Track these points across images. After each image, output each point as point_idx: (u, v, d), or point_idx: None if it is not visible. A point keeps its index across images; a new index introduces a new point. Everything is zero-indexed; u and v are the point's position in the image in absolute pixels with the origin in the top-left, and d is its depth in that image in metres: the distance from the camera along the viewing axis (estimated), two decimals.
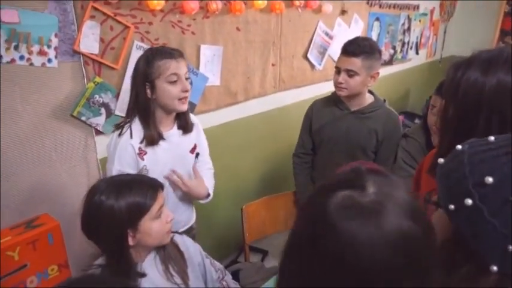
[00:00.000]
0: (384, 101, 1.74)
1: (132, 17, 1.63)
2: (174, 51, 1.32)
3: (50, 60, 1.44)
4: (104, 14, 1.53)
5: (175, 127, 1.44)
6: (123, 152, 1.33)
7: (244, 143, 2.45)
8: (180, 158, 1.46)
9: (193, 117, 1.55)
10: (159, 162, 1.38)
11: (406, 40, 3.91)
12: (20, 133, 1.42)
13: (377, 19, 3.30)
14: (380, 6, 3.27)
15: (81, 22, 1.48)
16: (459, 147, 0.61)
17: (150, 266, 1.03)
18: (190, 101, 1.98)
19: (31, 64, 1.40)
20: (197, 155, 1.55)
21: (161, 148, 1.38)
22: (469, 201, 0.56)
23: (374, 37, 3.35)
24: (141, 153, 1.35)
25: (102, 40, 1.56)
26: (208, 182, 1.54)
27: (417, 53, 4.22)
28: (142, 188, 0.98)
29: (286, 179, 2.27)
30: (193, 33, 1.90)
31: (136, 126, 1.34)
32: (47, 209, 1.57)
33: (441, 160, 0.63)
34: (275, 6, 2.24)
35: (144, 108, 1.32)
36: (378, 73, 1.61)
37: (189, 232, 1.43)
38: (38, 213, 1.55)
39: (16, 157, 1.44)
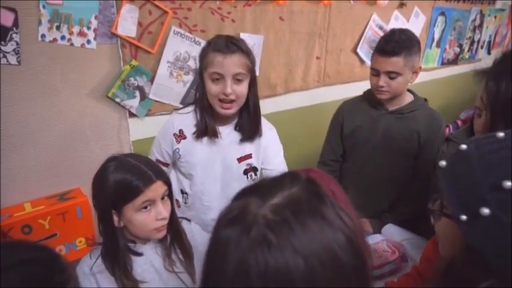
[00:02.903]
0: (425, 100, 1.56)
1: (171, 2, 1.64)
2: (228, 45, 1.16)
3: (89, 42, 1.50)
4: None
5: (231, 126, 1.31)
6: (167, 125, 1.35)
7: (282, 138, 2.37)
8: (221, 160, 1.31)
9: (266, 124, 1.39)
10: (194, 154, 1.30)
11: (476, 38, 3.53)
12: (58, 109, 1.50)
13: (442, 13, 3.01)
14: None
15: (120, 5, 1.52)
16: (463, 147, 0.50)
17: (151, 249, 1.02)
18: None
19: (71, 44, 1.47)
20: (254, 170, 1.35)
21: (201, 141, 1.29)
22: (485, 211, 0.47)
23: (437, 33, 3.07)
24: (180, 136, 1.30)
25: (140, 24, 1.59)
26: None
27: (489, 53, 3.80)
28: (138, 174, 0.90)
29: None
30: (233, 20, 1.87)
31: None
32: (81, 183, 1.65)
33: (443, 163, 0.53)
34: None
35: (200, 97, 1.26)
36: (421, 67, 1.44)
37: None
38: (73, 187, 1.64)
39: (55, 132, 1.52)
